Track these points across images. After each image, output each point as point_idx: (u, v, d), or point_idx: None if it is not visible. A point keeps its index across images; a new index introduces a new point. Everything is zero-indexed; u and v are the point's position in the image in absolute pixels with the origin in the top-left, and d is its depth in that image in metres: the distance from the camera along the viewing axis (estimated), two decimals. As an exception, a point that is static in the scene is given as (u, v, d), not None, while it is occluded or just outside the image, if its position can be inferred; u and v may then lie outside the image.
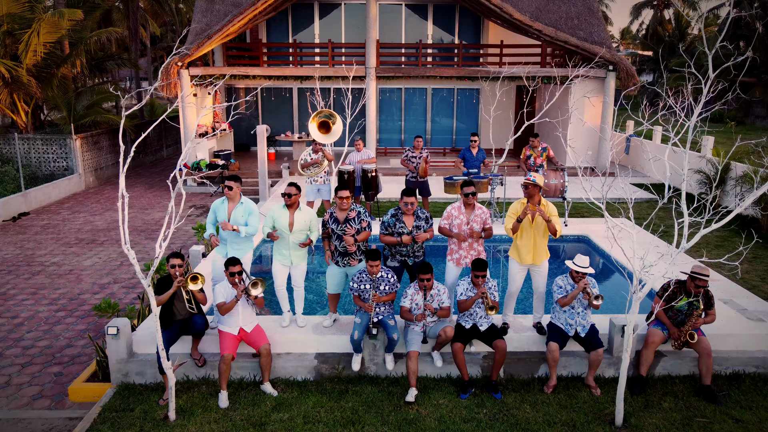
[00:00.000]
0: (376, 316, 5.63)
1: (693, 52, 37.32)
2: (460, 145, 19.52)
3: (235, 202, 6.09)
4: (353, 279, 5.74)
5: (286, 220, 5.96)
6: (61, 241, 10.97)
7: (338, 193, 5.90)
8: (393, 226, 6.07)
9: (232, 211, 6.06)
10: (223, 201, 6.12)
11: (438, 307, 5.63)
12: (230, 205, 6.09)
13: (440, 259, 8.77)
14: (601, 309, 5.77)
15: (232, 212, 6.06)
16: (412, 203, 6.02)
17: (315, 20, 19.24)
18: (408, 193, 6.06)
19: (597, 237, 9.39)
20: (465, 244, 6.06)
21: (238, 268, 5.48)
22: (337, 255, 6.04)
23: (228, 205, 6.09)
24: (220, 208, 6.11)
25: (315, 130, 8.90)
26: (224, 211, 6.07)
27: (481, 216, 6.09)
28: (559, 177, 9.74)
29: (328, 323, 6.10)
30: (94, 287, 8.67)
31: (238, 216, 6.07)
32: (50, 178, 15.26)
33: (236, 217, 6.06)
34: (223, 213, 6.08)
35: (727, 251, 9.56)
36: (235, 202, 6.10)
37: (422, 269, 5.52)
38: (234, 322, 5.57)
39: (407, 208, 6.01)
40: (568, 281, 5.68)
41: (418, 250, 6.19)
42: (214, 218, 6.15)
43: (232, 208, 6.07)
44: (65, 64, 16.10)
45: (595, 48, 15.11)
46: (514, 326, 6.10)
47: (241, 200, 6.12)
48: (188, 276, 5.37)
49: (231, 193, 6.04)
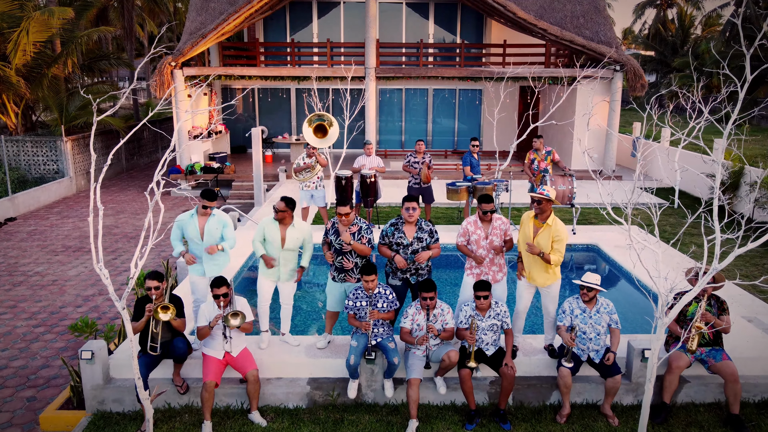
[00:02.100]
0: (374, 338, 5.17)
1: (696, 52, 36.94)
2: (461, 147, 19.06)
3: (206, 216, 5.62)
4: (348, 296, 5.29)
5: (278, 235, 5.51)
6: (47, 249, 10.52)
7: (338, 209, 5.45)
8: (391, 236, 5.60)
9: (205, 226, 5.58)
10: (192, 215, 5.60)
11: (441, 329, 5.18)
12: (201, 219, 5.60)
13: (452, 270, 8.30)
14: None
15: (204, 227, 5.58)
16: (414, 209, 5.53)
17: (313, 19, 18.78)
18: (410, 198, 5.59)
19: (607, 246, 8.92)
20: (486, 260, 5.60)
21: (224, 290, 5.03)
22: (335, 269, 5.60)
23: (198, 220, 5.59)
24: (188, 224, 5.58)
25: (310, 134, 8.44)
26: (194, 227, 5.56)
27: (500, 228, 5.61)
28: (567, 183, 9.28)
29: (322, 344, 5.65)
30: (78, 300, 8.21)
31: (213, 230, 5.60)
32: (41, 181, 14.82)
33: (210, 231, 5.58)
34: (193, 229, 5.56)
35: (743, 261, 9.10)
36: (206, 216, 5.62)
37: (424, 287, 5.07)
38: (218, 345, 5.12)
39: (408, 214, 5.53)
40: (578, 304, 5.23)
41: (423, 267, 5.69)
42: (181, 234, 5.63)
43: (203, 222, 5.59)
44: (56, 63, 15.64)
45: (602, 48, 14.65)
46: (523, 348, 5.64)
47: (213, 212, 5.64)
48: (158, 305, 4.93)
49: (206, 212, 5.58)
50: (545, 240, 5.29)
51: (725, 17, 38.63)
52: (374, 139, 15.81)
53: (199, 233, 5.56)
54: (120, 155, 18.12)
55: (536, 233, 5.34)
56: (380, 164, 9.84)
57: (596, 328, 5.15)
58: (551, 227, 5.30)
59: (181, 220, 5.61)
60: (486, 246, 5.56)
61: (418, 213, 5.57)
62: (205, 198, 5.55)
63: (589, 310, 5.19)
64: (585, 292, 5.10)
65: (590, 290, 5.09)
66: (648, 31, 44.10)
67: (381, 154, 17.96)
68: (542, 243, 5.31)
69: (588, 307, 5.20)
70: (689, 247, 9.24)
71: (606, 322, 5.18)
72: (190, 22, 15.47)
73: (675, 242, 8.97)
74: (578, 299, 5.27)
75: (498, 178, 9.74)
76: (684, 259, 8.36)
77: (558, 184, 9.24)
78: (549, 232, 5.30)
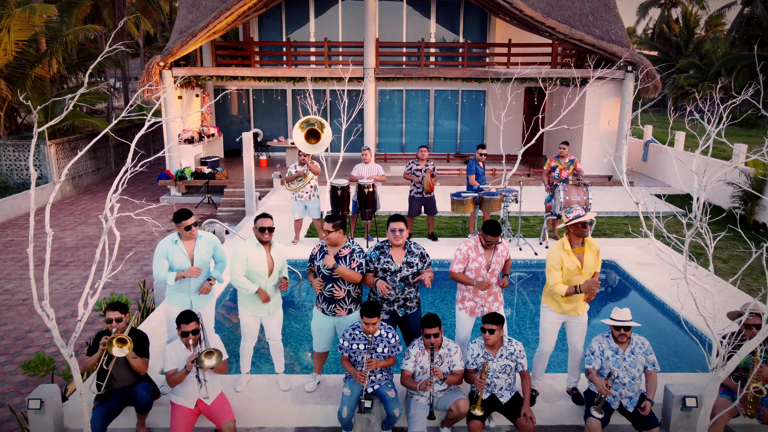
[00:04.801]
0: (371, 385, 4.44)
1: (700, 53, 36.17)
2: (464, 151, 18.31)
3: (192, 240, 4.89)
4: (344, 335, 4.54)
5: (264, 262, 4.72)
6: (21, 263, 9.79)
7: (325, 225, 4.70)
8: (377, 262, 4.79)
9: (193, 251, 4.83)
10: (175, 241, 4.84)
11: (448, 372, 4.45)
12: (187, 244, 4.85)
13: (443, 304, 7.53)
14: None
15: (193, 252, 4.83)
16: (401, 230, 4.71)
17: (310, 18, 18.05)
18: (396, 218, 4.78)
19: (626, 262, 8.19)
20: (483, 291, 4.85)
21: (192, 326, 4.29)
22: (322, 300, 4.83)
23: (184, 245, 4.85)
24: (173, 251, 4.80)
25: (302, 140, 7.70)
26: (181, 253, 4.80)
27: (502, 254, 4.88)
28: (582, 193, 8.54)
29: (311, 387, 4.91)
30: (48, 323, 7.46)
31: (203, 254, 4.87)
32: (23, 187, 14.08)
33: (200, 256, 4.86)
34: (181, 256, 4.79)
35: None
36: (192, 239, 4.89)
37: (427, 322, 4.34)
38: (190, 392, 4.38)
39: (395, 236, 4.71)
40: (609, 344, 4.49)
41: (411, 298, 4.87)
42: (168, 265, 4.81)
43: (190, 247, 4.85)
44: (40, 63, 14.90)
45: (613, 47, 13.91)
46: (543, 392, 4.90)
47: (198, 234, 4.92)
48: (113, 337, 4.17)
49: (190, 233, 4.83)
50: (593, 262, 4.67)
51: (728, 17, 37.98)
52: (373, 143, 15.08)
53: (189, 260, 4.81)
54: (108, 159, 17.39)
55: (581, 261, 4.62)
56: (380, 172, 9.11)
57: (630, 371, 4.41)
58: (592, 244, 4.70)
59: (164, 247, 4.81)
60: (486, 276, 4.81)
61: (406, 235, 4.78)
62: (181, 219, 4.80)
63: (623, 350, 4.45)
64: (622, 332, 4.37)
65: (627, 329, 4.36)
66: (652, 31, 43.37)
67: (380, 159, 17.23)
68: (591, 266, 4.68)
69: (621, 347, 4.46)
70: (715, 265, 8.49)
71: (642, 365, 4.45)
72: (180, 19, 14.73)
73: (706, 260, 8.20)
74: (608, 338, 4.54)
75: (507, 188, 8.99)
76: (725, 287, 7.58)
77: (572, 194, 8.50)
78: (592, 251, 4.68)
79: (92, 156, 16.22)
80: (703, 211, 3.54)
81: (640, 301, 7.34)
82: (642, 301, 7.33)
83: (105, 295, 8.08)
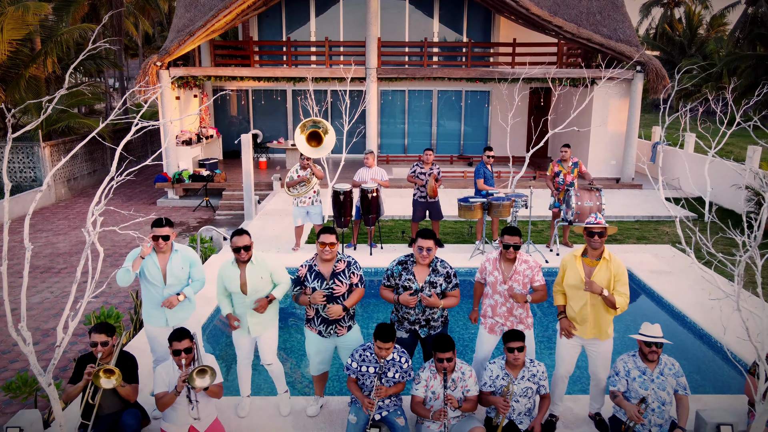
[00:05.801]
0: (378, 412, 4.09)
1: (704, 52, 35.83)
2: (468, 152, 17.97)
3: (167, 253, 4.53)
4: (353, 355, 4.18)
5: (237, 281, 4.35)
6: (12, 270, 9.43)
7: (320, 237, 4.32)
8: (398, 277, 4.45)
9: (167, 266, 4.49)
10: (151, 255, 4.50)
11: (462, 398, 4.10)
12: (160, 258, 4.50)
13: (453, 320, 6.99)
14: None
15: (166, 267, 4.49)
16: (429, 249, 4.29)
17: (311, 17, 17.71)
18: (426, 234, 4.33)
19: (641, 271, 7.84)
20: (503, 308, 4.50)
21: (185, 344, 3.95)
22: (319, 323, 4.41)
23: (157, 259, 4.50)
24: (147, 261, 4.47)
25: (303, 143, 7.35)
26: (154, 266, 4.46)
27: (524, 273, 4.46)
28: (594, 198, 8.19)
29: (313, 411, 4.56)
30: (36, 335, 7.12)
31: (177, 269, 4.51)
32: (17, 190, 13.74)
33: (174, 271, 4.50)
34: (154, 270, 4.46)
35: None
36: (167, 252, 4.53)
37: (439, 345, 3.98)
38: (181, 418, 4.04)
39: (421, 255, 4.31)
40: (636, 364, 4.14)
41: (436, 318, 4.50)
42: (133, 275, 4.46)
43: (164, 261, 4.50)
44: (34, 63, 14.56)
45: (621, 46, 13.57)
46: (564, 416, 4.55)
47: (174, 248, 4.56)
48: (100, 367, 3.82)
49: (165, 245, 4.47)
50: (603, 281, 4.21)
51: (730, 17, 37.66)
52: (376, 144, 14.74)
53: (161, 274, 4.47)
54: (105, 161, 17.05)
55: (589, 275, 4.25)
56: (383, 177, 8.76)
57: (660, 395, 4.06)
58: (609, 262, 4.23)
59: (136, 252, 4.48)
60: (503, 292, 4.46)
61: (434, 254, 4.37)
62: (153, 226, 4.45)
63: (650, 371, 4.10)
64: (653, 349, 4.01)
65: (659, 346, 4.01)
66: (655, 31, 43.04)
67: (382, 160, 16.89)
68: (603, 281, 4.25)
69: (649, 366, 4.11)
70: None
71: (672, 387, 4.10)
72: (177, 18, 14.39)
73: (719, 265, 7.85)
74: (635, 357, 4.19)
75: (516, 192, 8.64)
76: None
77: (584, 200, 8.15)
78: (607, 270, 4.22)
79: (88, 158, 15.88)
80: (747, 226, 3.19)
81: (659, 313, 6.97)
82: (661, 313, 6.96)
83: (96, 306, 7.75)
